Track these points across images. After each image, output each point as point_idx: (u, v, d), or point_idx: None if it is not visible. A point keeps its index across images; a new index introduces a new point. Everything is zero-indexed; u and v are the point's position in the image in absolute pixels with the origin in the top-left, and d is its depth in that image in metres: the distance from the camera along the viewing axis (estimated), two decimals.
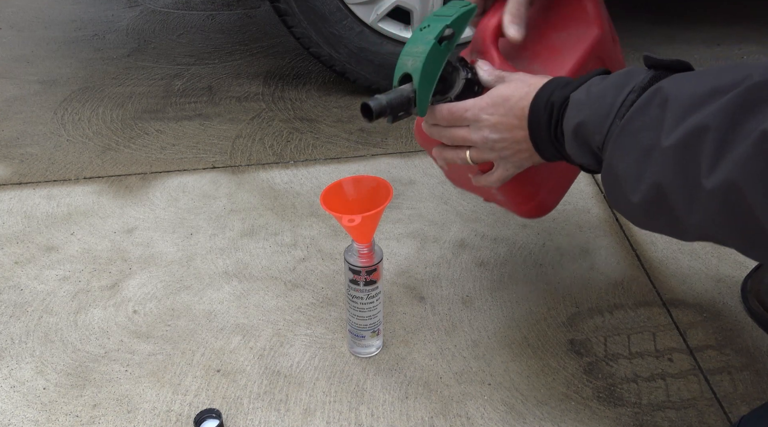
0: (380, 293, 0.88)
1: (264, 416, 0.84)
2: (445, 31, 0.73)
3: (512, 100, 0.71)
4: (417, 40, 0.73)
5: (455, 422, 0.83)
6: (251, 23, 2.16)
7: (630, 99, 0.59)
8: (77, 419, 0.84)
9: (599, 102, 0.61)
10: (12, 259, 1.12)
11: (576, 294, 1.02)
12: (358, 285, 0.85)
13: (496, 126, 0.72)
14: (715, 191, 0.49)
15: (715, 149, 0.50)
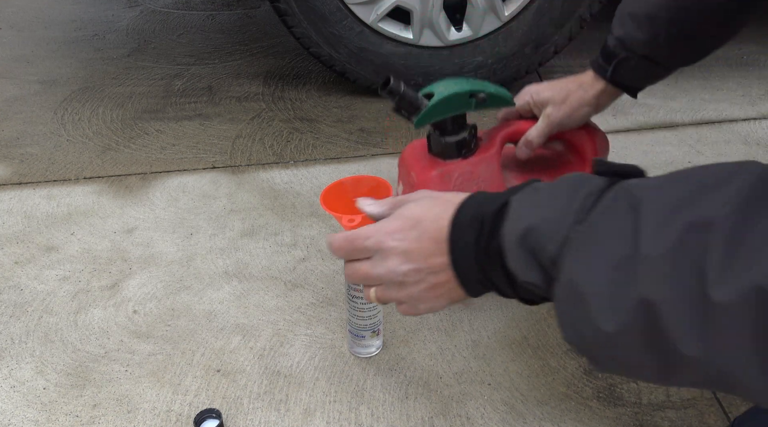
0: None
1: (264, 416, 0.84)
2: (481, 94, 0.84)
3: (426, 220, 0.58)
4: (460, 81, 0.82)
5: (455, 422, 0.83)
6: (251, 23, 2.16)
7: (588, 202, 0.48)
8: (77, 419, 0.84)
9: (550, 205, 0.50)
10: (12, 259, 1.12)
11: None
12: (359, 285, 0.85)
13: (406, 254, 0.58)
14: (733, 303, 0.38)
15: (724, 250, 0.39)
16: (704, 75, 1.70)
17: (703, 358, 0.40)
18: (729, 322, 0.38)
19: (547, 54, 1.57)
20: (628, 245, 0.43)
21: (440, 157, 0.88)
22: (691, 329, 0.40)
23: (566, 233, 0.48)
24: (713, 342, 0.39)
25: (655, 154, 1.38)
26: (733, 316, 0.38)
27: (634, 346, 0.44)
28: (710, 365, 0.40)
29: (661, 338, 0.42)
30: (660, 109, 1.55)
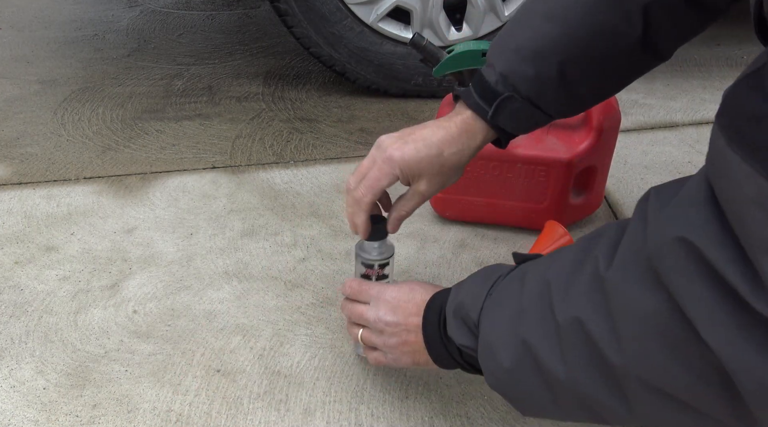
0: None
1: (264, 416, 0.84)
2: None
3: (417, 292, 0.75)
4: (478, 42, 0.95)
5: (455, 422, 0.83)
6: (251, 23, 2.16)
7: (499, 281, 0.65)
8: (77, 419, 0.84)
9: (474, 285, 0.67)
10: (12, 259, 1.13)
11: None
12: (371, 279, 0.85)
13: (395, 308, 0.75)
14: (564, 328, 0.54)
15: (559, 294, 0.56)
16: (704, 75, 1.70)
17: (566, 379, 0.55)
18: (564, 339, 0.55)
19: None
20: (515, 303, 0.61)
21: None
22: (552, 353, 0.56)
23: (482, 302, 0.65)
24: (569, 361, 0.55)
25: (654, 155, 1.38)
26: (566, 336, 0.55)
27: (526, 377, 0.59)
28: (575, 385, 0.55)
29: (539, 364, 0.57)
30: (660, 109, 1.55)
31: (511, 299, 0.62)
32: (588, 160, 1.07)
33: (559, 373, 0.55)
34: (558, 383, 0.56)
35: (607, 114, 1.05)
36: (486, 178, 1.10)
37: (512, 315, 0.60)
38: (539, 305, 0.58)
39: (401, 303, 0.75)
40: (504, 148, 0.81)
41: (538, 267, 0.62)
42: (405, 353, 0.75)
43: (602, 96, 0.81)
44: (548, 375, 0.57)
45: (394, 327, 0.74)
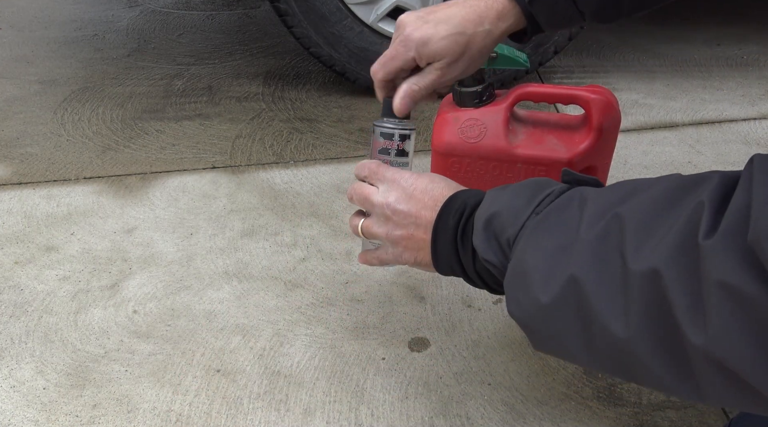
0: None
1: (264, 416, 0.84)
2: (493, 53, 0.92)
3: (438, 185, 0.68)
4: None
5: (455, 422, 0.83)
6: (251, 23, 2.16)
7: (549, 199, 0.57)
8: (77, 419, 0.84)
9: (517, 197, 0.59)
10: (12, 259, 1.13)
11: None
12: (389, 155, 0.77)
13: (409, 197, 0.67)
14: (637, 281, 0.47)
15: (635, 238, 0.48)
16: (704, 75, 1.70)
17: (623, 337, 0.48)
18: (634, 294, 0.47)
19: (547, 54, 1.57)
20: (570, 234, 0.52)
21: (458, 104, 1.02)
22: (611, 302, 0.48)
23: (524, 220, 0.56)
24: (632, 318, 0.47)
25: (654, 154, 1.38)
26: (636, 290, 0.47)
27: (563, 317, 0.52)
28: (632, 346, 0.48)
29: (587, 309, 0.50)
30: (660, 109, 1.55)
31: (564, 227, 0.53)
32: (588, 160, 1.07)
33: (614, 326, 0.49)
34: (606, 335, 0.50)
35: (607, 114, 1.06)
36: (486, 178, 1.10)
37: (562, 245, 0.52)
38: (604, 242, 0.50)
39: (417, 193, 0.67)
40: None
41: (604, 196, 0.53)
42: (408, 249, 0.68)
43: (640, 7, 0.79)
44: (595, 323, 0.50)
45: (403, 218, 0.67)
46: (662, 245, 0.46)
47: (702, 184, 0.48)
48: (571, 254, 0.51)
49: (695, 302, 0.45)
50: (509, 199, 0.59)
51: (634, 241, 0.48)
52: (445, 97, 1.14)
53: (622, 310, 0.48)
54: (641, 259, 0.47)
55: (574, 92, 1.06)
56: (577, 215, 0.53)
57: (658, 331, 0.47)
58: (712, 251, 0.44)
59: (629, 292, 0.47)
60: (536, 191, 0.58)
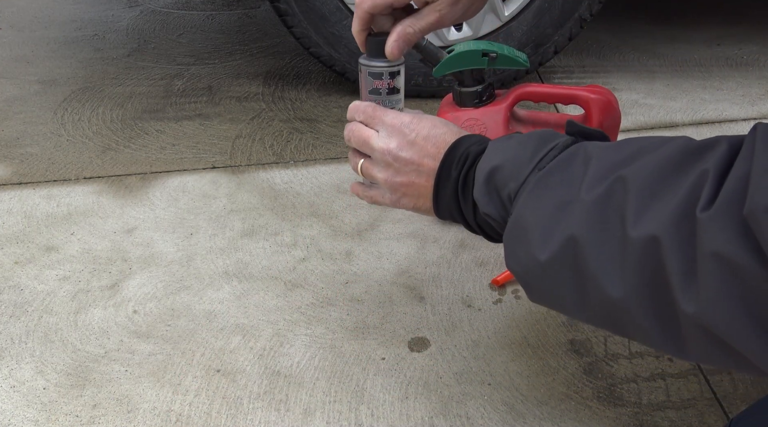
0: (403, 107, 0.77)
1: (264, 416, 0.84)
2: (493, 53, 0.97)
3: (440, 130, 0.66)
4: (478, 42, 0.95)
5: (455, 422, 0.83)
6: (251, 23, 2.16)
7: (552, 154, 0.56)
8: (77, 419, 0.84)
9: (520, 150, 0.58)
10: (12, 259, 1.13)
11: None
12: (380, 95, 0.74)
13: (410, 144, 0.66)
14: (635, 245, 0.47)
15: (638, 201, 0.47)
16: (704, 75, 1.70)
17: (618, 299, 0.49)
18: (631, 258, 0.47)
19: (547, 54, 1.57)
20: (572, 191, 0.52)
21: (458, 104, 1.05)
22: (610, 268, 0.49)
23: (526, 175, 0.56)
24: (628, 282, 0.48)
25: None
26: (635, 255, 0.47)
27: (560, 275, 0.52)
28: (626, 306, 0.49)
29: (584, 269, 0.50)
30: (660, 109, 1.55)
31: (566, 184, 0.53)
32: None
33: (610, 289, 0.49)
34: (600, 294, 0.50)
35: (607, 114, 1.06)
36: None
37: (562, 203, 0.52)
38: (606, 203, 0.49)
39: (419, 139, 0.65)
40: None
41: (609, 155, 0.52)
42: (408, 196, 0.67)
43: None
44: (591, 283, 0.50)
45: (405, 165, 0.66)
46: (663, 212, 0.46)
47: (709, 151, 0.47)
48: (571, 212, 0.51)
49: (690, 271, 0.45)
50: (512, 152, 0.58)
51: (636, 205, 0.47)
52: (446, 97, 1.14)
53: (619, 272, 0.48)
54: (642, 225, 0.47)
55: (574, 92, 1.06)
56: (580, 173, 0.52)
57: (653, 295, 0.47)
58: (709, 223, 0.44)
59: (627, 256, 0.48)
60: (540, 145, 0.57)
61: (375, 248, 1.12)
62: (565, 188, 0.52)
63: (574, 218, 0.51)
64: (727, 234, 0.43)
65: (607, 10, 1.64)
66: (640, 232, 0.47)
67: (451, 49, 1.00)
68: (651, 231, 0.46)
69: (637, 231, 0.47)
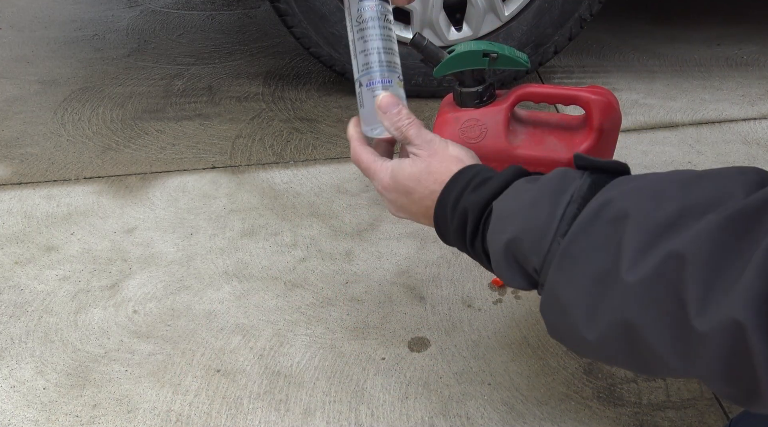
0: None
1: (264, 416, 0.84)
2: (494, 53, 0.96)
3: (415, 195, 0.63)
4: (479, 43, 0.96)
5: (455, 422, 0.83)
6: (251, 23, 2.16)
7: (570, 211, 0.49)
8: (77, 419, 0.84)
9: (533, 214, 0.51)
10: (12, 259, 1.13)
11: None
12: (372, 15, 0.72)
13: (401, 209, 0.67)
14: (712, 334, 0.40)
15: (702, 283, 0.41)
16: (704, 75, 1.70)
17: (681, 369, 0.44)
18: (707, 349, 0.41)
19: (547, 54, 1.57)
20: (609, 261, 0.45)
21: (458, 104, 1.04)
22: (673, 350, 0.43)
23: (549, 246, 0.49)
24: (692, 361, 0.43)
25: (654, 155, 1.38)
26: (711, 344, 0.41)
27: (616, 352, 0.47)
28: (686, 371, 0.44)
29: (643, 350, 0.45)
30: (660, 109, 1.55)
31: (598, 252, 0.46)
32: None
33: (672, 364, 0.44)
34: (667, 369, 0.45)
35: (607, 114, 1.06)
36: None
37: (600, 275, 0.46)
38: (657, 283, 0.43)
39: (405, 205, 0.65)
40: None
41: (646, 213, 0.45)
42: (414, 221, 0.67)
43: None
44: (657, 362, 0.45)
45: (409, 219, 0.67)
46: (738, 291, 0.40)
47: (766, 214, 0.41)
48: (614, 291, 0.45)
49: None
50: (524, 218, 0.52)
51: (700, 287, 0.41)
52: (446, 97, 1.14)
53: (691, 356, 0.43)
54: (712, 309, 0.40)
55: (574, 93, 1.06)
56: (614, 238, 0.45)
57: (736, 375, 0.42)
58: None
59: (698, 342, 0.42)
60: (553, 201, 0.51)
61: (375, 248, 1.12)
62: (599, 257, 0.46)
63: (620, 299, 0.44)
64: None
65: (607, 10, 1.64)
66: (713, 317, 0.40)
67: (451, 50, 0.99)
68: (729, 315, 0.39)
69: (709, 316, 0.41)
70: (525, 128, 1.09)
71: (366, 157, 0.70)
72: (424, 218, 0.64)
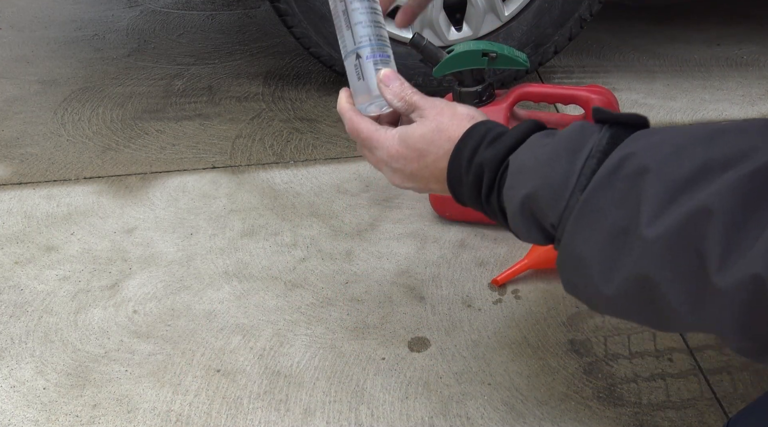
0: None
1: (264, 416, 0.84)
2: (493, 53, 0.97)
3: (429, 157, 0.60)
4: (478, 43, 0.96)
5: (455, 422, 0.83)
6: (251, 23, 2.16)
7: (589, 166, 0.48)
8: (77, 419, 0.84)
9: (550, 169, 0.50)
10: (12, 259, 1.13)
11: None
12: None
13: (409, 177, 0.63)
14: (732, 289, 0.40)
15: (724, 238, 0.40)
16: (704, 75, 1.70)
17: (696, 324, 0.44)
18: (725, 304, 0.40)
19: (547, 54, 1.57)
20: (629, 216, 0.44)
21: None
22: (690, 306, 0.43)
23: (567, 201, 0.49)
24: (708, 317, 0.42)
25: None
26: (730, 300, 0.40)
27: (632, 307, 0.47)
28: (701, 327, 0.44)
29: (660, 306, 0.44)
30: (660, 109, 1.55)
31: (618, 206, 0.45)
32: None
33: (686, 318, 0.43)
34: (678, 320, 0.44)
35: None
36: None
37: (619, 230, 0.45)
38: (678, 238, 0.42)
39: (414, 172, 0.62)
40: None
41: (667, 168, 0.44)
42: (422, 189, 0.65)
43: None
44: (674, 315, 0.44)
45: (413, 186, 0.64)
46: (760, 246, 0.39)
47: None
48: (633, 246, 0.44)
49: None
50: (542, 173, 0.50)
51: (722, 242, 0.40)
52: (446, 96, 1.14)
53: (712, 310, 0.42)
54: (733, 264, 0.40)
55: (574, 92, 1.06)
56: (634, 192, 0.44)
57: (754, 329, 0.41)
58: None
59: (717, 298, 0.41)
60: (572, 155, 0.49)
61: (375, 248, 1.12)
62: (618, 212, 0.45)
63: (638, 254, 0.44)
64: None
65: (607, 10, 1.64)
66: (734, 272, 0.40)
67: (451, 49, 0.99)
68: (751, 270, 0.39)
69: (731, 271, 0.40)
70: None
71: (366, 127, 0.66)
72: (435, 182, 0.61)
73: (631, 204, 0.44)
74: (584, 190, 0.48)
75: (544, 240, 0.53)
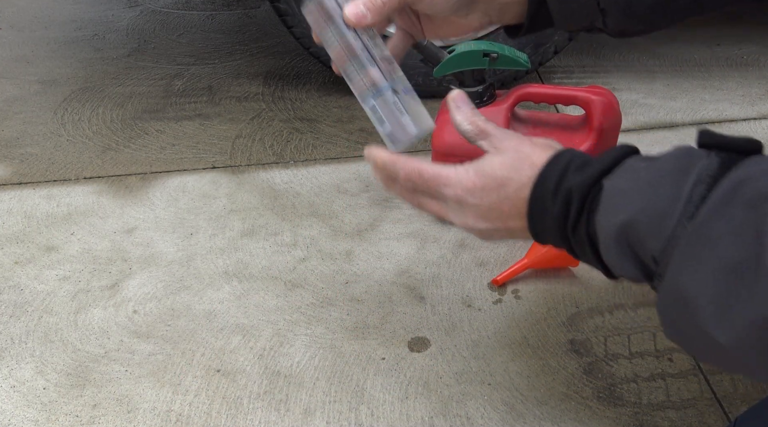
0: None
1: (264, 416, 0.84)
2: (494, 53, 0.98)
3: (510, 187, 0.54)
4: (479, 43, 0.96)
5: (455, 422, 0.83)
6: (251, 23, 2.16)
7: (698, 192, 0.43)
8: (77, 419, 0.84)
9: (653, 193, 0.44)
10: (12, 259, 1.13)
11: (576, 294, 1.02)
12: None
13: (486, 214, 0.56)
14: None
15: None
16: (704, 75, 1.70)
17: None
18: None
19: (547, 54, 1.57)
20: (748, 248, 0.39)
21: None
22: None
23: (672, 230, 0.43)
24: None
25: None
26: None
27: (752, 359, 0.40)
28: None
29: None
30: (660, 109, 1.55)
31: (734, 238, 0.40)
32: None
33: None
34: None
35: (607, 115, 1.06)
36: None
37: (737, 265, 0.39)
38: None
39: (493, 205, 0.55)
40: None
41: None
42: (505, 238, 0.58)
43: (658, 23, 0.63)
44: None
45: (491, 231, 0.57)
46: None
47: None
48: (755, 284, 0.38)
49: None
50: (644, 198, 0.45)
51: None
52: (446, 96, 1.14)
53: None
54: None
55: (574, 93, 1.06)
56: (753, 221, 0.39)
57: None
58: None
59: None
60: (678, 180, 0.44)
61: (375, 248, 1.12)
62: (736, 245, 0.39)
63: (764, 294, 0.38)
64: None
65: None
66: None
67: (451, 50, 0.99)
68: None
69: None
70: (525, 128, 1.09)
71: (429, 167, 0.59)
72: (515, 218, 0.55)
73: (750, 235, 0.39)
74: (692, 218, 0.42)
75: (640, 275, 0.47)
